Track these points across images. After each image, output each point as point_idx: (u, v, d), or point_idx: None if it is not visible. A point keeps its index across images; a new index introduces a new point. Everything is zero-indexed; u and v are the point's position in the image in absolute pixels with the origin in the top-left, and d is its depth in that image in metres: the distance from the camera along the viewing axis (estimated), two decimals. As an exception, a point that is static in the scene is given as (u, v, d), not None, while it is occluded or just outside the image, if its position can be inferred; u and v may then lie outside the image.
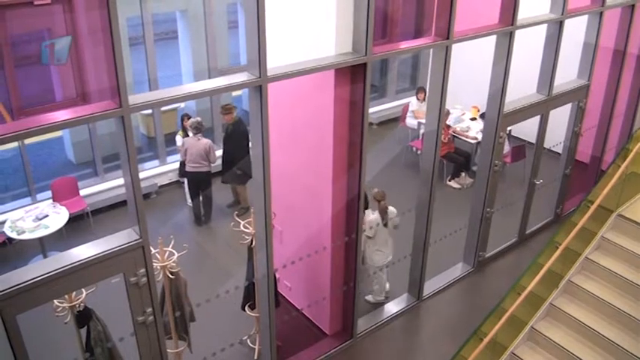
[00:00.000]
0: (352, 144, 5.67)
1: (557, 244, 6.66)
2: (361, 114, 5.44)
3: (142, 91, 4.61)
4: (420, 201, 6.74)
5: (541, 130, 7.76)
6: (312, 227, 6.18)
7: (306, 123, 5.85)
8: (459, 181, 10.05)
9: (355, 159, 5.69)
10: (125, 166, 4.18)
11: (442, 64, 5.98)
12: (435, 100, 6.20)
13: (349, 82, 5.39)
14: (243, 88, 4.66)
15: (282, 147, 5.95)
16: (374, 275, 6.93)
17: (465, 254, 7.82)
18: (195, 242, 8.32)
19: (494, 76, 6.73)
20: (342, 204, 5.95)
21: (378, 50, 5.31)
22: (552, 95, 7.48)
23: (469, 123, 10.72)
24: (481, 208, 7.40)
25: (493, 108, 6.89)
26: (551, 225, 8.76)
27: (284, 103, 5.78)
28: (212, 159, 8.64)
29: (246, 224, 5.68)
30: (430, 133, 6.37)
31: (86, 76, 4.47)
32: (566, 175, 8.57)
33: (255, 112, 4.74)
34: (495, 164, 7.17)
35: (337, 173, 5.79)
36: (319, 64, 4.98)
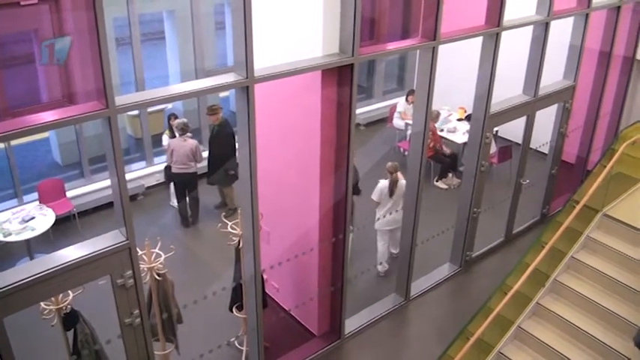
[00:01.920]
0: (339, 145, 5.69)
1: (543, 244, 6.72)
2: (348, 115, 5.47)
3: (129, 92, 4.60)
4: (407, 201, 6.78)
5: (527, 130, 7.84)
6: (300, 228, 6.20)
7: (293, 124, 5.87)
8: (446, 182, 10.11)
9: (342, 160, 5.72)
10: (112, 168, 4.18)
11: (429, 65, 6.02)
12: (422, 101, 6.24)
13: (336, 83, 5.42)
14: (230, 89, 4.67)
15: (269, 148, 5.96)
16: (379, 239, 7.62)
17: (452, 254, 7.88)
18: (183, 244, 8.30)
19: (481, 78, 6.79)
20: (329, 205, 5.97)
21: (364, 51, 5.34)
22: (538, 96, 7.56)
23: (456, 124, 10.80)
24: (468, 208, 7.46)
25: (479, 109, 6.95)
26: (537, 225, 8.85)
27: (271, 104, 5.79)
28: (199, 159, 8.62)
29: (233, 225, 5.68)
30: (417, 134, 6.41)
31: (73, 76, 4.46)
32: (553, 176, 8.67)
33: (242, 113, 4.75)
34: (482, 165, 7.23)
35: (324, 174, 5.81)
36: (306, 65, 5.00)
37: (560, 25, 7.47)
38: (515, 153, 9.05)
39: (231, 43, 11.23)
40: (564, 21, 7.49)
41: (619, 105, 9.45)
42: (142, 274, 4.67)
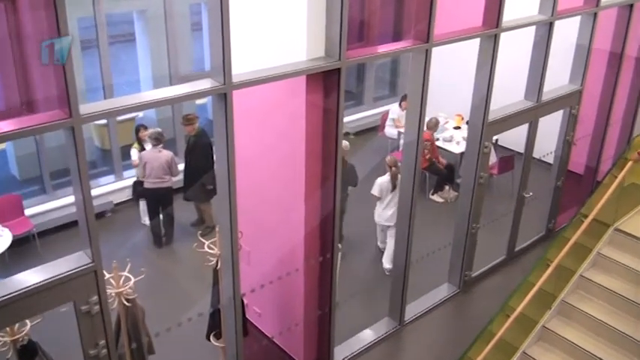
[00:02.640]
0: (326, 155, 5.70)
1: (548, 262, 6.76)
2: (336, 123, 5.48)
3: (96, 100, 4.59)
4: (400, 217, 6.80)
5: (530, 139, 7.90)
6: (284, 247, 6.18)
7: (276, 134, 5.88)
8: (442, 195, 10.15)
9: (329, 171, 5.72)
10: (76, 183, 4.14)
11: (422, 69, 6.07)
12: (415, 108, 6.28)
13: (322, 88, 5.44)
14: (206, 96, 4.67)
15: (249, 160, 5.95)
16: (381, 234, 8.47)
17: (450, 274, 7.89)
18: (155, 265, 8.25)
19: (478, 82, 6.85)
20: (315, 221, 5.97)
21: (352, 54, 5.37)
22: (542, 102, 7.64)
23: (453, 132, 10.87)
24: (466, 223, 7.48)
25: (477, 116, 7.01)
26: (542, 241, 8.90)
27: (251, 113, 5.80)
28: (174, 172, 8.61)
29: (210, 245, 5.66)
30: (410, 144, 6.44)
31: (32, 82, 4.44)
32: (559, 188, 8.73)
33: (220, 122, 4.75)
34: (481, 176, 7.27)
35: (310, 187, 5.81)
36: (289, 69, 5.02)
37: (565, 25, 7.53)
38: (518, 163, 9.12)
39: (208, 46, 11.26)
40: (570, 20, 7.56)
41: (632, 110, 9.48)
42: (109, 299, 4.63)
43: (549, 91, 7.84)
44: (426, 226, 8.50)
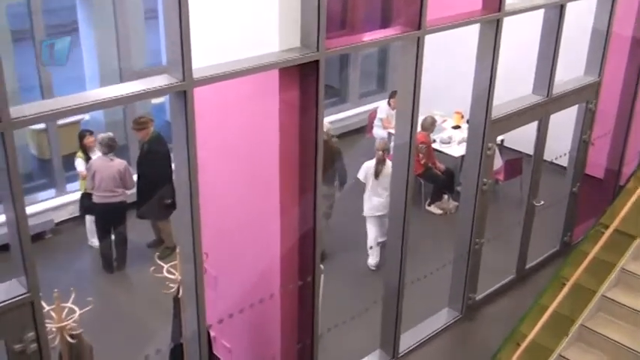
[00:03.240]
0: (304, 162, 5.72)
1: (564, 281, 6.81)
2: (315, 124, 5.51)
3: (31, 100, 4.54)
4: (390, 233, 6.82)
5: (540, 138, 7.98)
6: (256, 270, 6.18)
7: (245, 138, 5.88)
8: (440, 206, 10.21)
9: (308, 181, 5.74)
10: (6, 199, 4.10)
11: (413, 60, 6.11)
12: (406, 105, 6.32)
13: (298, 84, 5.46)
14: (162, 94, 4.67)
15: (214, 169, 5.95)
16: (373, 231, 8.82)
17: (451, 297, 7.93)
18: (105, 294, 8.20)
19: (479, 75, 6.91)
20: (293, 239, 5.97)
21: (333, 44, 5.40)
22: (553, 96, 7.72)
23: (451, 132, 10.94)
24: (468, 238, 7.53)
25: (478, 113, 7.07)
26: (557, 257, 8.98)
27: (216, 114, 5.79)
28: (129, 185, 8.60)
29: (170, 269, 5.64)
30: (400, 147, 6.48)
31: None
32: (575, 194, 8.82)
33: (179, 124, 4.74)
34: (484, 183, 7.33)
35: (286, 200, 5.81)
36: (259, 62, 5.02)
37: (578, 7, 7.62)
38: (527, 167, 9.19)
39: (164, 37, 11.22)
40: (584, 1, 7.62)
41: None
42: (49, 335, 4.58)
43: (561, 83, 7.93)
44: (422, 243, 8.53)
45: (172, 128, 4.84)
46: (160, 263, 5.69)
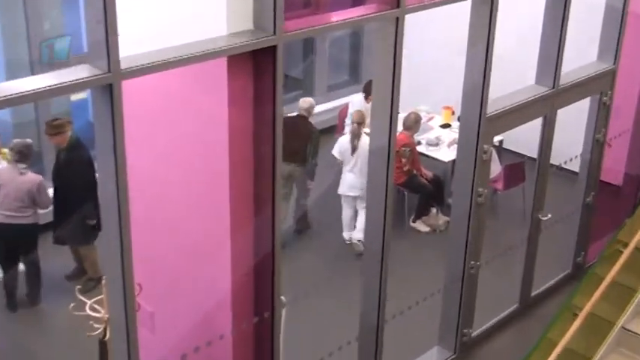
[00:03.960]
0: (260, 170, 5.71)
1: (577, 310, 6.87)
2: (272, 123, 5.51)
3: None
4: (367, 257, 6.82)
5: (545, 139, 8.05)
6: (202, 305, 6.14)
7: (187, 142, 5.85)
8: (428, 222, 10.25)
9: (266, 192, 5.73)
10: None
11: (392, 45, 6.13)
12: (383, 99, 6.34)
13: (251, 74, 5.46)
14: (83, 88, 4.62)
15: (149, 180, 5.92)
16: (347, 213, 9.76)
17: (442, 333, 7.96)
18: (11, 336, 8.11)
19: (471, 62, 6.96)
20: (247, 265, 5.96)
21: (293, 26, 5.41)
22: (560, 87, 7.80)
23: (440, 132, 11.00)
24: (462, 261, 7.57)
25: (471, 109, 7.11)
26: (568, 282, 9.08)
27: (149, 112, 5.77)
28: (44, 204, 8.55)
29: (95, 305, 5.58)
30: (377, 152, 6.49)
31: None
32: (589, 206, 8.90)
33: (104, 125, 4.71)
34: (479, 193, 7.38)
35: (239, 217, 5.80)
36: (202, 49, 5.01)
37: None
38: (530, 173, 9.25)
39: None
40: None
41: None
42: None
43: (570, 72, 8.03)
44: (405, 267, 8.53)
45: (95, 130, 4.80)
46: (81, 299, 5.63)
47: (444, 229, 9.96)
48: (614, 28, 8.26)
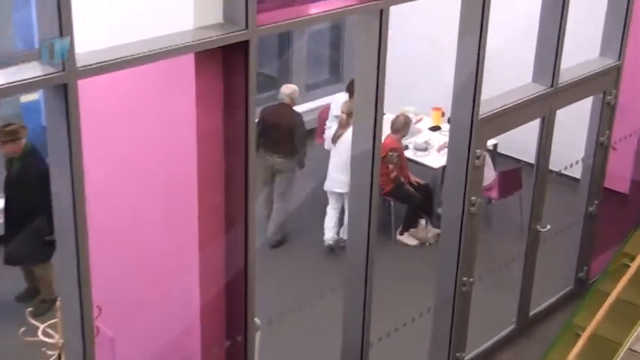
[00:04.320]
0: (232, 178, 5.72)
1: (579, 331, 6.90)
2: (244, 126, 5.51)
3: None
4: (349, 274, 6.82)
5: (544, 142, 8.09)
6: (168, 327, 6.12)
7: (150, 147, 5.85)
8: (416, 234, 10.27)
9: (238, 203, 5.73)
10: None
11: (376, 39, 6.14)
12: (367, 99, 6.35)
13: (221, 73, 5.47)
14: (34, 89, 4.61)
15: (109, 189, 5.90)
16: None
17: (432, 357, 7.95)
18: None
19: (463, 58, 6.99)
20: (218, 285, 5.95)
21: (267, 19, 5.41)
22: (559, 86, 7.85)
23: (429, 136, 11.03)
24: (453, 277, 7.58)
25: (462, 110, 7.13)
26: (570, 299, 9.11)
27: (109, 114, 5.76)
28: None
29: (48, 329, 5.54)
30: (360, 157, 6.50)
31: None
32: (592, 215, 8.95)
33: (58, 130, 4.69)
34: (472, 203, 7.40)
35: (208, 231, 5.79)
36: (167, 45, 5.00)
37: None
38: (528, 180, 9.28)
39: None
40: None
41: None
42: None
43: (570, 68, 8.08)
44: (392, 284, 8.54)
45: (48, 135, 4.78)
46: (33, 322, 5.59)
47: (434, 242, 9.99)
48: (619, 20, 8.31)
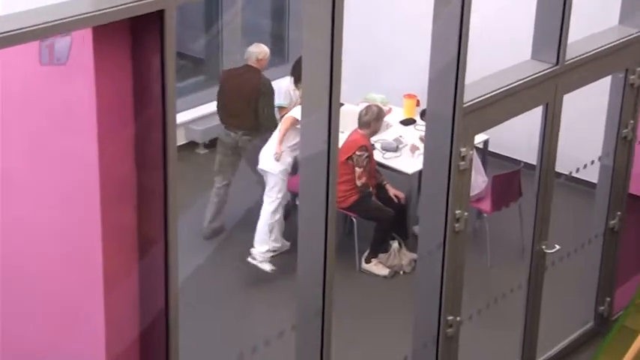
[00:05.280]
0: (147, 192, 5.74)
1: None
2: (161, 120, 5.52)
3: None
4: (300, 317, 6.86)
5: (548, 136, 8.09)
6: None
7: (35, 154, 5.85)
8: (387, 261, 10.27)
9: (153, 223, 5.76)
10: None
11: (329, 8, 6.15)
12: (318, 84, 6.38)
13: (129, 55, 5.48)
14: None
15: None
16: None
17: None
18: None
19: (441, 31, 7.00)
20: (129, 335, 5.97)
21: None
22: (566, 63, 7.87)
23: (400, 131, 11.09)
24: (435, 316, 7.59)
25: (442, 97, 7.11)
26: (588, 340, 9.14)
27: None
28: None
29: None
30: (311, 160, 6.54)
31: None
32: (613, 231, 8.98)
33: None
34: (457, 218, 7.40)
35: (115, 264, 5.80)
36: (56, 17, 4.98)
37: None
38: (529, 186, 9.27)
39: None
40: None
41: None
42: None
43: (580, 41, 8.16)
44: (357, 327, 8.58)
45: None
46: None
47: (410, 270, 10.01)
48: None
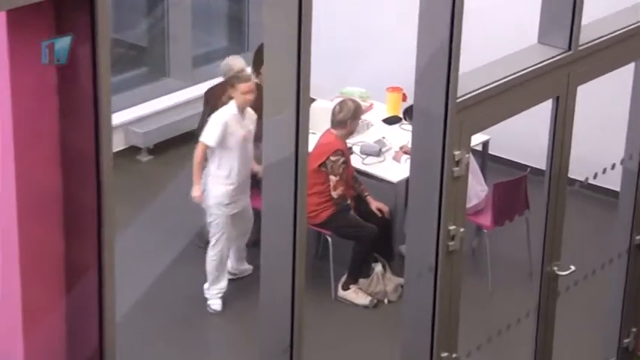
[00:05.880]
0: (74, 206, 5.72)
1: None
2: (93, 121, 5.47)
3: None
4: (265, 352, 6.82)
5: (559, 136, 8.15)
6: None
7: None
8: (368, 288, 10.28)
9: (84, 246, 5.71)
10: None
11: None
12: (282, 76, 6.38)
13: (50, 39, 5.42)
14: None
15: None
16: None
17: None
18: None
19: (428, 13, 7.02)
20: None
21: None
22: (580, 48, 7.93)
23: (383, 131, 11.10)
24: (427, 352, 7.62)
25: (431, 90, 7.16)
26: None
27: None
28: None
29: None
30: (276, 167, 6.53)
31: None
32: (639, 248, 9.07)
33: None
34: (451, 235, 7.44)
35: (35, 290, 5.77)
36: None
37: None
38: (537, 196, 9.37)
39: None
40: None
41: None
42: None
43: (595, 22, 8.23)
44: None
45: None
46: None
47: (396, 299, 10.04)
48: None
